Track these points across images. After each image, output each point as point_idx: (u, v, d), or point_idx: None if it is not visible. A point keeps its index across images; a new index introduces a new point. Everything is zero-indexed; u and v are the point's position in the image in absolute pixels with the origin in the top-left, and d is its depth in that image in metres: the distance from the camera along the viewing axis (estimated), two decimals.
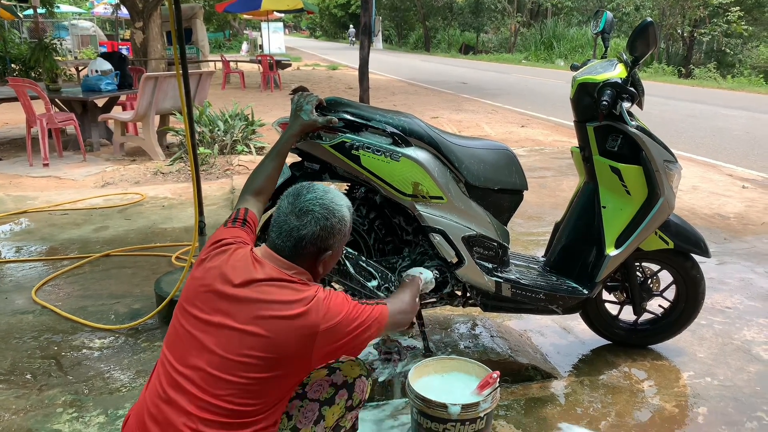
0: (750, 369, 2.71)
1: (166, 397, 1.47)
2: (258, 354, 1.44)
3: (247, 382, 1.43)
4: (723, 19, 19.96)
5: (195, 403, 1.43)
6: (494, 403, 1.95)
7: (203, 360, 1.46)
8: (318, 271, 1.63)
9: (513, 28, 31.54)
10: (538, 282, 2.51)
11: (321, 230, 1.57)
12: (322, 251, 1.60)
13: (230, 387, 1.43)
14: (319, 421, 1.58)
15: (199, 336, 1.49)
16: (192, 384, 1.45)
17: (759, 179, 6.29)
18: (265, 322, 1.45)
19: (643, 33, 2.23)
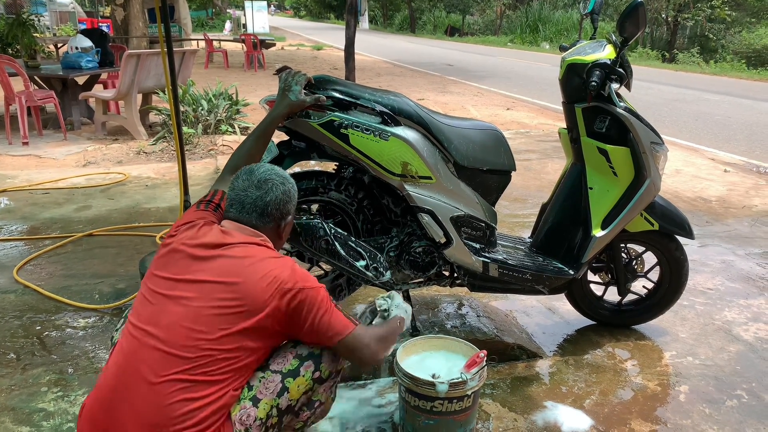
0: (730, 349, 2.77)
1: (133, 358, 1.49)
2: (230, 301, 1.49)
3: (217, 336, 1.47)
4: (707, 4, 20.06)
5: (162, 360, 1.46)
6: (481, 381, 1.97)
7: (175, 315, 1.50)
8: (281, 238, 1.76)
9: (499, 10, 31.41)
10: (525, 262, 2.52)
11: (282, 194, 1.69)
12: (284, 216, 1.72)
13: (199, 340, 1.46)
14: (282, 393, 1.58)
15: (171, 294, 1.53)
16: (159, 341, 1.48)
17: (740, 163, 6.37)
18: (239, 270, 1.53)
19: (633, 14, 2.22)
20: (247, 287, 1.51)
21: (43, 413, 2.18)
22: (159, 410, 1.44)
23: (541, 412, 2.27)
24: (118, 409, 1.47)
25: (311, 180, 2.31)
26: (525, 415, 2.25)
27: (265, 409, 1.55)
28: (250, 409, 1.53)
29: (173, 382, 1.45)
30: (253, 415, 1.53)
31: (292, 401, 1.60)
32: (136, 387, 1.47)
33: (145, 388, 1.46)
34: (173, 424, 1.43)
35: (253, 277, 1.52)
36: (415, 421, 1.97)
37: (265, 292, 1.51)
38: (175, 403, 1.43)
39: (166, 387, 1.44)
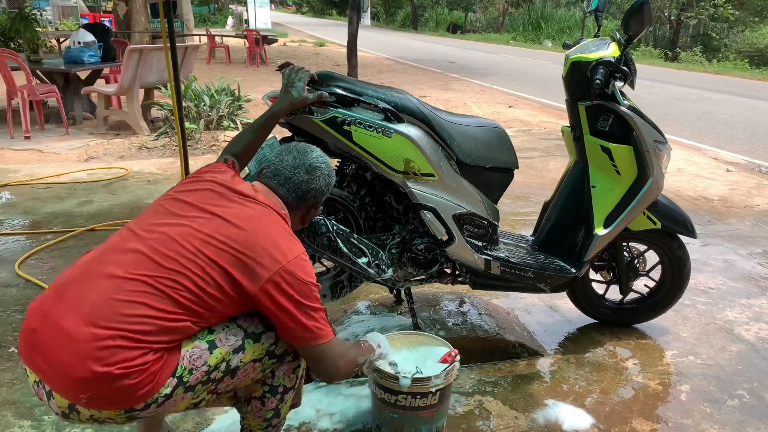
0: (732, 348, 2.76)
1: (108, 253, 1.47)
2: (233, 243, 1.45)
3: (202, 260, 1.42)
4: (710, 3, 20.00)
5: (136, 260, 1.42)
6: (448, 380, 1.95)
7: (173, 231, 1.47)
8: (302, 224, 1.77)
9: (501, 8, 31.36)
10: (527, 260, 2.52)
11: (325, 186, 1.73)
12: (316, 205, 1.75)
13: (182, 256, 1.42)
14: (238, 352, 1.50)
15: (182, 214, 1.51)
16: (143, 244, 1.45)
17: (743, 163, 6.36)
18: (255, 225, 1.51)
19: (638, 11, 2.22)
20: (255, 244, 1.47)
21: (44, 407, 2.18)
22: (108, 302, 1.37)
23: (542, 410, 2.27)
24: (67, 293, 1.40)
25: None
26: (526, 413, 2.25)
27: (217, 358, 1.47)
28: (203, 351, 1.46)
29: (138, 282, 1.39)
30: (204, 358, 1.46)
31: (241, 364, 1.52)
32: (98, 278, 1.41)
33: (107, 280, 1.40)
34: (116, 320, 1.34)
35: (265, 238, 1.49)
36: (381, 414, 1.99)
37: (267, 260, 1.47)
38: (130, 303, 1.37)
39: (129, 284, 1.39)
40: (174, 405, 1.45)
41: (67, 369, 1.34)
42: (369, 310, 2.71)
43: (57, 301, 1.40)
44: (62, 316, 1.37)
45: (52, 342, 1.37)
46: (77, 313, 1.36)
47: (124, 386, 1.34)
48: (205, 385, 1.48)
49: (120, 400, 1.37)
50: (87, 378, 1.32)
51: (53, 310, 1.39)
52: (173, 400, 1.43)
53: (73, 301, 1.39)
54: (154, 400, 1.40)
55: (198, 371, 1.45)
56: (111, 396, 1.35)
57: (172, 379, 1.41)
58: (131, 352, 1.34)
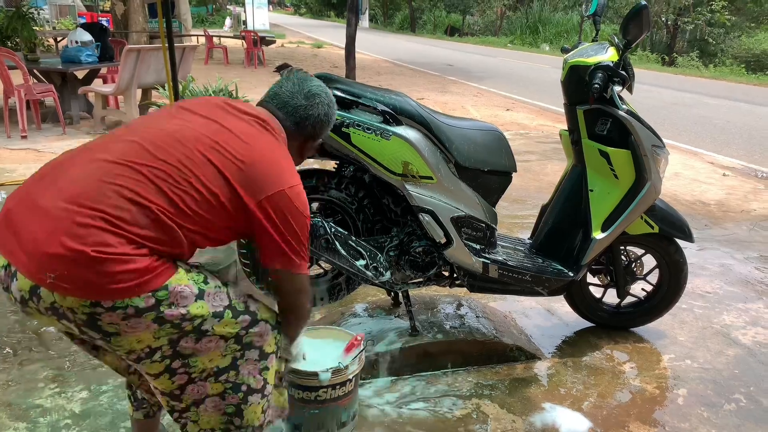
0: (728, 352, 2.77)
1: (100, 144, 1.43)
2: (234, 152, 1.43)
3: (198, 158, 1.39)
4: (707, 8, 20.10)
5: (131, 149, 1.37)
6: (361, 364, 2.02)
7: (172, 126, 1.44)
8: (300, 156, 1.72)
9: (499, 11, 31.41)
10: (525, 264, 2.52)
11: (324, 115, 1.69)
12: (315, 137, 1.71)
13: (177, 151, 1.39)
14: (216, 317, 1.44)
15: (184, 119, 1.48)
16: (138, 136, 1.41)
17: (739, 167, 6.38)
18: (258, 141, 1.49)
19: (637, 16, 2.22)
20: (259, 161, 1.45)
21: (40, 409, 2.17)
22: (92, 183, 1.30)
23: (540, 414, 2.27)
24: (49, 175, 1.36)
25: (312, 178, 2.30)
26: (523, 416, 2.25)
27: (197, 310, 1.39)
28: (190, 294, 1.38)
29: (129, 168, 1.33)
30: (188, 301, 1.38)
31: (211, 331, 1.43)
32: (85, 162, 1.35)
33: (95, 163, 1.34)
34: (98, 201, 1.28)
35: (268, 159, 1.48)
36: (301, 414, 2.00)
37: (269, 179, 1.45)
38: (118, 186, 1.31)
39: (119, 168, 1.33)
40: (134, 331, 1.33)
41: (38, 244, 1.26)
42: (366, 313, 2.70)
43: (37, 181, 1.36)
44: (41, 194, 1.31)
45: (25, 218, 1.30)
46: (57, 191, 1.31)
47: (97, 272, 1.25)
48: (172, 329, 1.37)
49: (89, 287, 1.26)
50: (59, 254, 1.24)
51: (32, 190, 1.34)
52: (139, 321, 1.32)
53: (54, 181, 1.33)
54: (123, 306, 1.29)
55: (176, 309, 1.36)
56: (80, 279, 1.25)
57: (149, 296, 1.32)
58: (111, 236, 1.27)
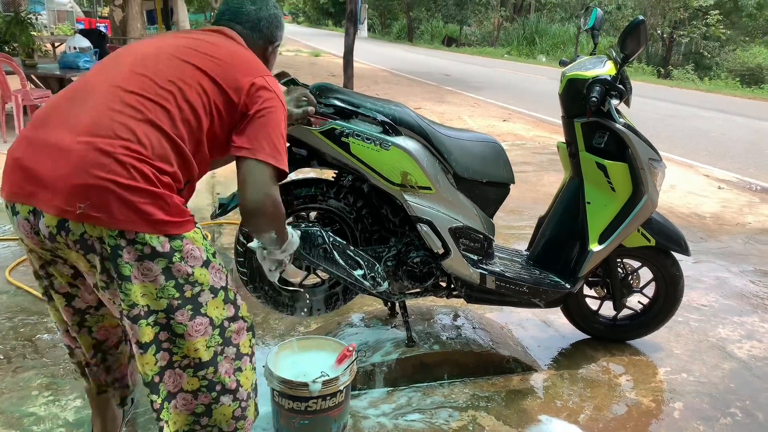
0: (724, 366, 2.77)
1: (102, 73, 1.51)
2: (206, 52, 1.53)
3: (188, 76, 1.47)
4: (702, 22, 20.28)
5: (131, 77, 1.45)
6: (352, 375, 2.03)
7: (155, 49, 1.54)
8: (266, 63, 1.74)
9: (496, 22, 31.59)
10: (522, 275, 2.52)
11: (274, 17, 1.75)
12: (272, 40, 1.76)
13: (171, 77, 1.46)
14: (212, 293, 1.48)
15: (154, 41, 1.60)
16: (133, 59, 1.51)
17: (734, 180, 6.42)
18: (224, 45, 1.60)
19: (635, 31, 2.24)
20: (233, 58, 1.56)
21: (33, 417, 2.15)
22: (106, 113, 1.38)
23: (536, 426, 2.27)
24: (50, 118, 1.42)
25: (310, 187, 2.30)
26: (519, 428, 2.25)
27: (199, 277, 1.45)
28: (199, 258, 1.45)
29: (132, 95, 1.41)
30: (197, 263, 1.44)
31: (204, 308, 1.47)
32: (89, 98, 1.42)
33: (100, 96, 1.42)
34: (117, 130, 1.36)
35: (239, 51, 1.60)
36: (290, 424, 2.00)
37: (247, 70, 1.55)
38: (132, 112, 1.39)
39: (125, 96, 1.41)
40: (144, 278, 1.39)
41: (66, 178, 1.32)
42: (363, 323, 2.70)
43: (40, 127, 1.41)
44: (51, 135, 1.37)
45: (43, 159, 1.35)
46: (70, 128, 1.37)
47: (125, 200, 1.33)
48: (174, 291, 1.42)
49: (116, 216, 1.33)
50: (88, 184, 1.31)
51: (38, 135, 1.39)
52: (150, 267, 1.38)
53: (60, 121, 1.40)
54: (142, 242, 1.36)
55: (185, 265, 1.42)
56: (109, 207, 1.32)
57: (166, 241, 1.39)
58: (135, 162, 1.35)
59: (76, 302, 1.60)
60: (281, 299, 2.41)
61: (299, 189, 2.29)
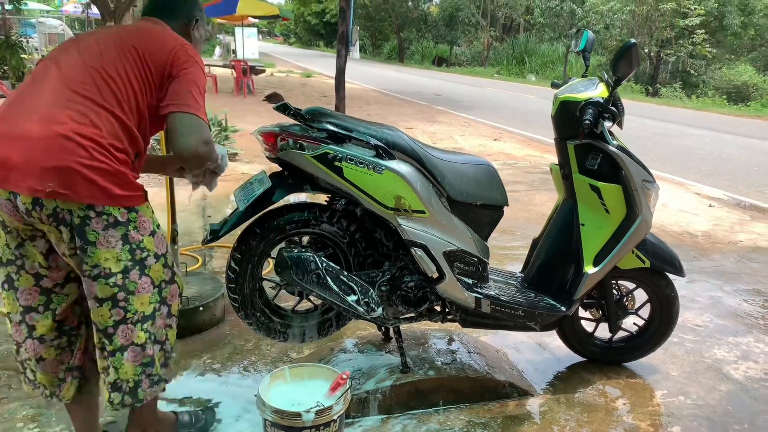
0: (721, 388, 2.75)
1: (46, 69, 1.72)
2: (136, 32, 1.81)
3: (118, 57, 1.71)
4: (688, 41, 20.56)
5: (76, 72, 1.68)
6: (346, 404, 1.99)
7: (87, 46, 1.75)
8: (191, 40, 1.96)
9: (486, 42, 31.94)
10: (517, 298, 2.50)
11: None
12: (190, 17, 1.98)
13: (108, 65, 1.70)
14: (155, 258, 1.77)
15: (82, 41, 1.79)
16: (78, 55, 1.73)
17: (725, 198, 6.45)
18: (140, 26, 1.88)
19: (626, 54, 2.25)
20: (152, 34, 1.81)
21: None
22: (61, 102, 1.61)
23: None
24: (21, 112, 1.63)
25: (303, 212, 2.28)
26: None
27: (148, 245, 1.73)
28: (149, 227, 1.74)
29: (80, 83, 1.65)
30: (146, 231, 1.73)
31: (148, 270, 1.74)
32: (41, 93, 1.66)
33: (50, 90, 1.65)
34: (74, 116, 1.59)
35: (157, 28, 1.86)
36: None
37: (169, 41, 1.80)
38: (82, 99, 1.63)
39: (74, 85, 1.64)
40: (107, 244, 1.64)
41: (35, 162, 1.53)
42: (356, 348, 2.66)
43: (2, 121, 1.61)
44: (14, 127, 1.58)
45: (10, 148, 1.55)
46: (30, 118, 1.59)
47: (90, 179, 1.57)
48: (129, 255, 1.68)
49: (84, 192, 1.57)
50: (56, 166, 1.53)
51: (2, 129, 1.59)
52: (112, 234, 1.64)
53: (19, 114, 1.61)
54: (107, 213, 1.62)
55: (138, 233, 1.70)
56: (76, 185, 1.55)
57: (125, 212, 1.66)
58: (93, 144, 1.58)
59: (44, 282, 1.74)
60: (273, 326, 2.38)
61: (292, 213, 2.27)
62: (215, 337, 2.98)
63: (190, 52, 1.80)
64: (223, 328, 3.07)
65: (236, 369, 2.70)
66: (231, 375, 2.63)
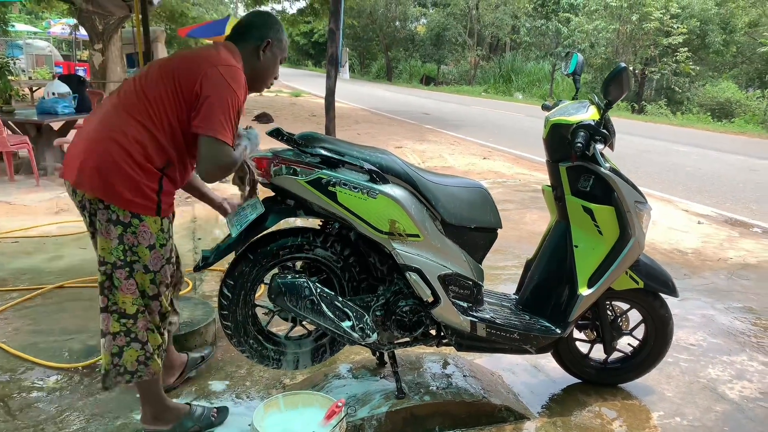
0: (717, 408, 2.74)
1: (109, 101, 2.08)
2: (179, 61, 2.07)
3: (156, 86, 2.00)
4: (672, 59, 20.88)
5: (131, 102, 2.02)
6: (341, 430, 1.98)
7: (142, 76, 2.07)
8: (258, 60, 2.18)
9: (473, 61, 32.27)
10: (512, 321, 2.49)
11: (257, 23, 2.21)
12: (261, 40, 2.16)
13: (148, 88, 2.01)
14: (146, 271, 2.07)
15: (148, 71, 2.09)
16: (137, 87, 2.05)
17: (713, 215, 6.50)
18: (198, 54, 2.09)
19: (617, 78, 2.27)
20: (197, 57, 2.05)
21: None
22: (105, 120, 1.99)
23: None
24: (86, 125, 2.07)
25: (297, 237, 2.26)
26: None
27: (141, 254, 2.04)
28: (149, 239, 2.04)
29: (127, 104, 1.99)
30: (144, 242, 2.03)
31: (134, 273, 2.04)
32: (100, 113, 2.04)
33: (104, 110, 2.03)
34: (112, 130, 1.96)
35: (203, 51, 2.09)
36: None
37: (204, 64, 2.00)
38: (125, 117, 1.97)
39: (122, 107, 1.99)
40: (107, 235, 2.00)
41: (75, 162, 1.98)
42: (350, 374, 2.63)
43: (77, 133, 2.10)
44: (77, 136, 2.07)
45: (72, 151, 2.03)
46: (86, 131, 2.03)
47: (105, 179, 1.94)
48: (120, 253, 2.01)
49: (98, 189, 1.95)
50: (83, 167, 1.95)
51: (75, 136, 2.09)
52: (112, 229, 1.99)
53: (86, 127, 2.06)
54: (114, 210, 1.97)
55: (134, 238, 2.01)
56: (94, 182, 1.95)
57: (129, 215, 1.98)
58: (120, 152, 1.94)
59: None
60: (266, 353, 2.34)
61: (285, 238, 2.25)
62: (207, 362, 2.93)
63: (224, 74, 1.98)
64: (214, 353, 3.02)
65: (228, 396, 2.66)
66: (223, 403, 2.58)
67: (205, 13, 28.07)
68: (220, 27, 14.68)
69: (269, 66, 2.21)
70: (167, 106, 1.97)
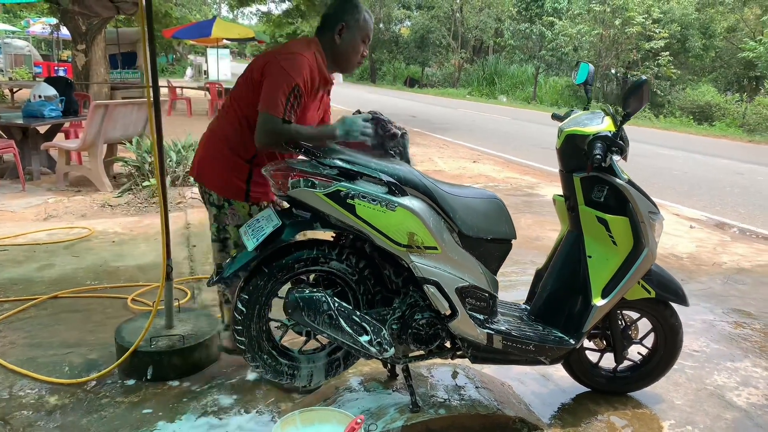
0: (726, 416, 2.75)
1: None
2: (266, 55, 2.40)
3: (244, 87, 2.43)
4: (654, 63, 21.17)
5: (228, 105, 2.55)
6: None
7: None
8: (336, 44, 2.42)
9: (457, 63, 32.39)
10: (527, 333, 2.47)
11: (333, 9, 2.44)
12: (335, 24, 2.40)
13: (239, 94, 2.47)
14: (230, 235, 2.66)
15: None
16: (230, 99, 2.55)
17: (703, 219, 6.57)
18: (273, 50, 2.44)
19: (637, 90, 2.27)
20: (270, 53, 2.40)
21: None
22: (215, 122, 2.57)
23: None
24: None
25: (312, 249, 2.22)
26: None
27: (231, 231, 2.61)
28: (235, 219, 2.57)
29: (226, 106, 2.53)
30: (232, 222, 2.59)
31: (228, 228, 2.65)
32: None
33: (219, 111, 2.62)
34: (216, 131, 2.54)
35: (275, 50, 2.42)
36: None
37: (270, 54, 2.37)
38: (226, 116, 2.51)
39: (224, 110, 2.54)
40: (208, 211, 2.64)
41: (196, 159, 2.61)
42: (362, 387, 2.58)
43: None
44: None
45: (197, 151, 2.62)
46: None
47: (208, 172, 2.54)
48: (215, 230, 2.64)
49: (206, 177, 2.56)
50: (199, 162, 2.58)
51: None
52: (211, 209, 2.61)
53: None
54: (208, 192, 2.58)
55: (226, 218, 2.60)
56: (204, 174, 2.56)
57: (223, 200, 2.54)
58: (224, 149, 2.48)
59: None
60: (281, 368, 2.30)
61: (300, 251, 2.21)
62: (213, 375, 2.87)
63: (282, 62, 2.27)
64: (220, 365, 2.96)
65: (237, 410, 2.60)
66: (233, 418, 2.53)
67: (188, 13, 27.79)
68: (206, 29, 14.55)
69: (348, 47, 2.41)
70: (247, 101, 2.34)
